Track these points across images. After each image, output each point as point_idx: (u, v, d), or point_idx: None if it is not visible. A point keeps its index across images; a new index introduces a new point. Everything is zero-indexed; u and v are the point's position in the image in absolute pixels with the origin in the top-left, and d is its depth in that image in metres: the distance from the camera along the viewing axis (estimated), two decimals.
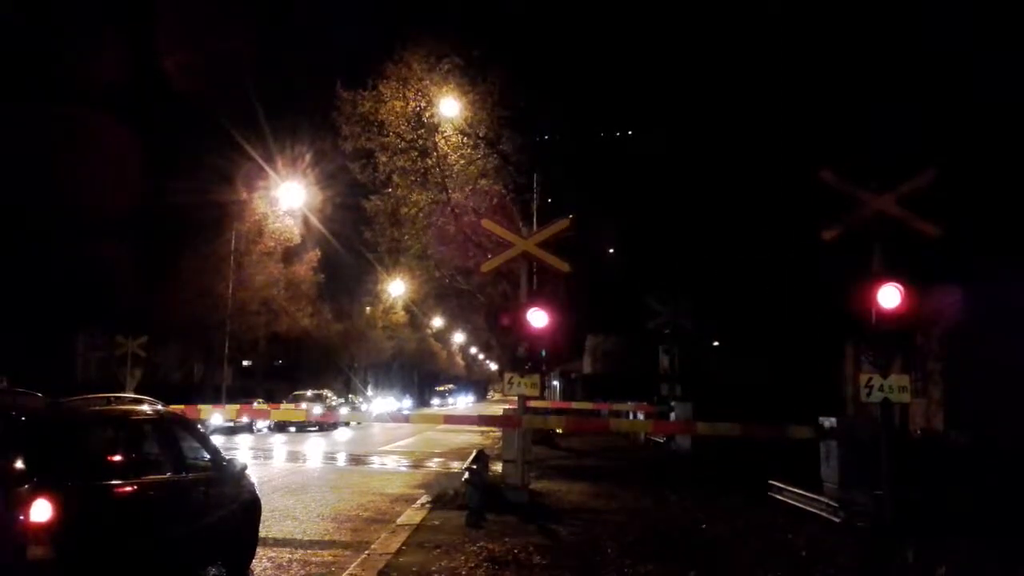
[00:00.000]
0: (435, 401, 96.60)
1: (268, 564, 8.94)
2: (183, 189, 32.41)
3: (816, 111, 19.80)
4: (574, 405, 31.31)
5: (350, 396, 52.19)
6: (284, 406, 39.03)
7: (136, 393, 9.61)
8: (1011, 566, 8.45)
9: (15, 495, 5.20)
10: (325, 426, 38.75)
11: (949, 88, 16.77)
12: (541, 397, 20.35)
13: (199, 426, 9.45)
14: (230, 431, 33.20)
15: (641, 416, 29.03)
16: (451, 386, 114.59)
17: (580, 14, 23.60)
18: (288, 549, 9.78)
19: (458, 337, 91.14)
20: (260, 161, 33.76)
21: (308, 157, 33.77)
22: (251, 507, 8.65)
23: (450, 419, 19.03)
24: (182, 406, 12.16)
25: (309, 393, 41.53)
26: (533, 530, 10.76)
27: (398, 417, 31.56)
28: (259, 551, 8.98)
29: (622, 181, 31.93)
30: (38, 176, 27.35)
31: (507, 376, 13.40)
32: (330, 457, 24.13)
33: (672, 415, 24.44)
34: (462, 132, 22.73)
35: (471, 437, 33.03)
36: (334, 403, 42.54)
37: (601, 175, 29.94)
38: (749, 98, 23.84)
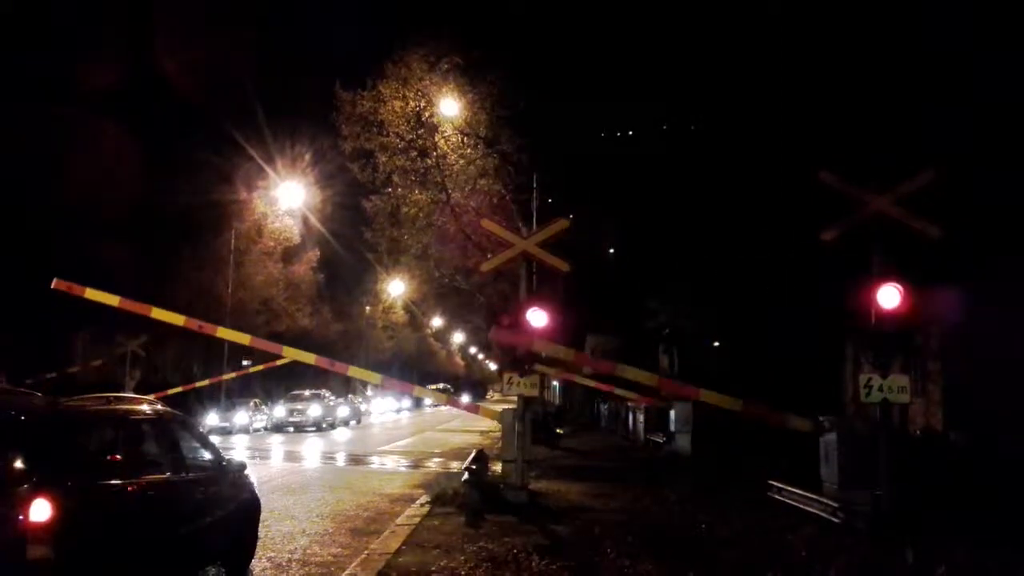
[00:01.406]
0: (427, 402, 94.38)
1: (267, 564, 8.93)
2: (183, 189, 32.44)
3: (816, 111, 19.79)
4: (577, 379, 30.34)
5: (349, 396, 51.92)
6: (280, 405, 38.82)
7: (135, 393, 9.61)
8: (1011, 566, 8.44)
9: (15, 494, 5.20)
10: (323, 426, 38.58)
11: (949, 88, 16.77)
12: (540, 397, 20.32)
13: (198, 426, 9.45)
14: (226, 431, 33.19)
15: (641, 417, 29.07)
16: (444, 385, 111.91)
17: (580, 13, 23.58)
18: (288, 549, 9.78)
19: (458, 337, 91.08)
20: (259, 161, 33.80)
21: (307, 157, 33.82)
22: (250, 507, 8.66)
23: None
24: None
25: (307, 392, 40.69)
26: (533, 530, 10.76)
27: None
28: (258, 551, 8.98)
29: (622, 181, 31.92)
30: (38, 176, 27.37)
31: (506, 376, 13.39)
32: (329, 457, 24.14)
33: (672, 413, 24.44)
34: (461, 132, 22.74)
35: (470, 437, 33.04)
36: (332, 402, 42.03)
37: (601, 175, 29.92)
38: (749, 98, 23.82)
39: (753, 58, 22.69)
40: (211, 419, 32.81)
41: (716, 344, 31.12)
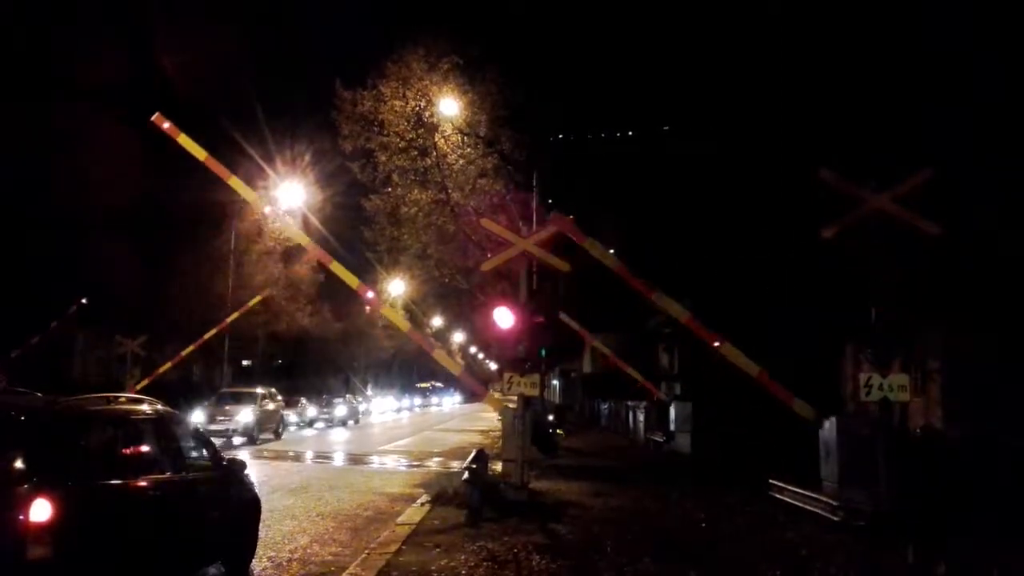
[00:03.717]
0: (416, 401, 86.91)
1: (268, 564, 8.93)
2: (183, 188, 32.39)
3: (816, 111, 19.79)
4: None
5: (347, 395, 51.33)
6: (201, 409, 29.89)
7: (135, 392, 9.62)
8: (1011, 565, 8.45)
9: (15, 495, 5.20)
10: (256, 438, 31.91)
11: (949, 87, 16.76)
12: (540, 396, 20.32)
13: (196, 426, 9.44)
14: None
15: (641, 416, 29.09)
16: (436, 383, 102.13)
17: (579, 13, 23.59)
18: (288, 548, 9.78)
19: (458, 336, 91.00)
20: (260, 160, 33.72)
21: (307, 157, 33.77)
22: (251, 506, 8.66)
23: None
24: None
25: (244, 390, 30.96)
26: (533, 529, 10.76)
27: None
28: (259, 550, 8.98)
29: (622, 180, 31.92)
30: (38, 175, 27.37)
31: (506, 375, 13.38)
32: (329, 457, 24.15)
33: (671, 412, 24.46)
34: (461, 132, 22.73)
35: (470, 436, 33.08)
36: (270, 406, 30.79)
37: (601, 174, 29.92)
38: (749, 96, 23.83)
39: (752, 57, 22.71)
40: (201, 418, 32.08)
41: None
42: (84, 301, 30.59)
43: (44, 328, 28.98)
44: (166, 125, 16.28)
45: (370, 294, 19.01)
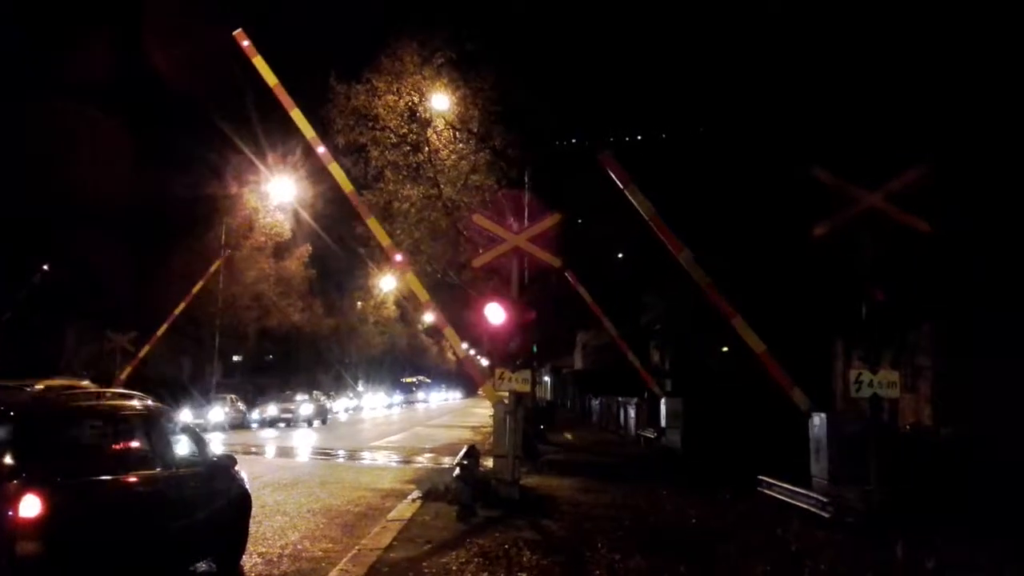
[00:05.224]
0: (400, 398, 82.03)
1: (258, 559, 8.91)
2: (174, 184, 32.31)
3: (811, 109, 19.81)
4: None
5: (314, 392, 48.95)
6: None
7: (125, 387, 9.58)
8: (998, 560, 8.50)
9: (4, 490, 5.18)
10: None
11: (947, 84, 16.80)
12: (532, 393, 20.38)
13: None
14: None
15: (633, 412, 29.15)
16: (422, 377, 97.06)
17: (575, 9, 23.54)
18: (279, 544, 9.76)
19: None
20: (251, 155, 33.61)
21: (299, 152, 33.64)
22: (241, 502, 8.63)
23: None
24: None
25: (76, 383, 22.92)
26: (524, 525, 10.77)
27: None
28: (249, 546, 8.95)
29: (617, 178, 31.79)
30: (29, 171, 27.25)
31: (497, 371, 13.36)
32: (320, 453, 24.12)
33: (662, 408, 24.51)
34: (454, 127, 22.66)
35: (462, 432, 33.08)
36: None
37: (596, 171, 29.79)
38: (744, 94, 23.85)
39: (750, 54, 22.70)
40: (184, 415, 31.63)
41: (723, 349, 31.18)
42: (46, 267, 30.25)
43: (16, 304, 28.75)
44: (245, 43, 16.27)
45: (399, 257, 19.74)
